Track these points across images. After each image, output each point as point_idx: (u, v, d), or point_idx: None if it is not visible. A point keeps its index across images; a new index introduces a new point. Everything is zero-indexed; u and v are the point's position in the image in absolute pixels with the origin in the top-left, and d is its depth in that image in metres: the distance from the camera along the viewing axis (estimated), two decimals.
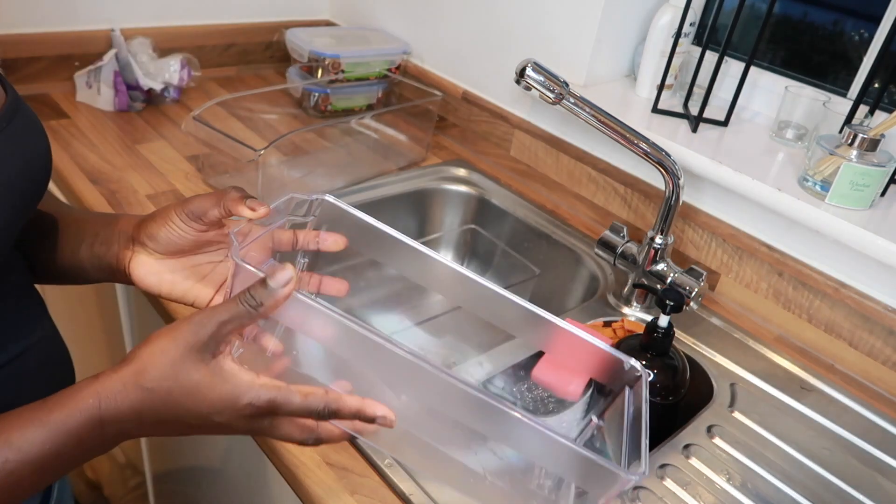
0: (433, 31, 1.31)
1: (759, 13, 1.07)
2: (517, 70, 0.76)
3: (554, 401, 0.77)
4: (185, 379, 0.43)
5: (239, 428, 0.46)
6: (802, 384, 0.82)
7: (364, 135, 1.15)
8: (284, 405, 0.45)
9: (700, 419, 0.75)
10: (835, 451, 0.74)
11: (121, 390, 0.43)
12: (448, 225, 1.16)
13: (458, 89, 1.29)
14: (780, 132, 0.98)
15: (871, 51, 0.96)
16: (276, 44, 1.45)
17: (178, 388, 0.43)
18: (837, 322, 0.87)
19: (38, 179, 0.52)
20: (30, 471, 0.42)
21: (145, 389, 0.43)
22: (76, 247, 0.59)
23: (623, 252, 0.89)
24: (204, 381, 0.44)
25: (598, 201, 1.11)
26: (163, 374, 0.43)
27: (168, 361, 0.43)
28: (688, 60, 1.04)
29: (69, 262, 0.59)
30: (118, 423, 0.44)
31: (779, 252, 0.90)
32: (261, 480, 0.77)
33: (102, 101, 1.19)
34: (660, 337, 0.72)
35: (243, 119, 1.20)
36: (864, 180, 0.80)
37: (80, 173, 0.99)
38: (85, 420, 0.43)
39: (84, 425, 0.43)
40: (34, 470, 0.43)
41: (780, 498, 0.68)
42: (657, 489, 0.66)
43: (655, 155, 0.80)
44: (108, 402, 0.43)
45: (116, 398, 0.43)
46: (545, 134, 1.16)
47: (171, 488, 1.14)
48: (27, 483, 0.43)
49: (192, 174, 1.04)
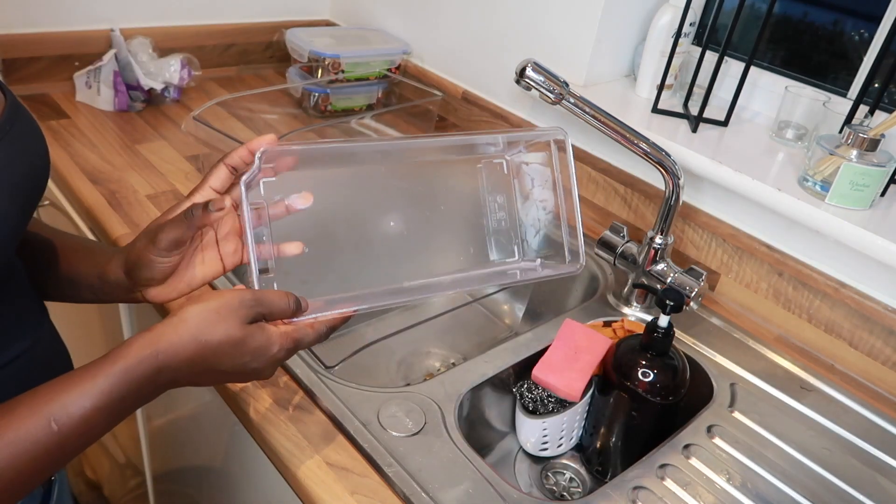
0: (433, 31, 1.31)
1: (759, 13, 1.07)
2: (517, 70, 0.76)
3: (554, 400, 0.77)
4: (233, 333, 0.52)
5: (266, 371, 0.55)
6: (802, 384, 0.82)
7: (364, 135, 1.15)
8: (303, 340, 0.56)
9: (700, 419, 0.75)
10: (835, 451, 0.74)
11: (178, 342, 0.50)
12: None
13: (457, 89, 1.29)
14: (780, 132, 0.98)
15: (871, 51, 0.96)
16: (276, 44, 1.45)
17: (227, 341, 0.52)
18: (837, 322, 0.87)
19: (39, 182, 0.55)
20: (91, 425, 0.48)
21: (201, 343, 0.51)
22: (90, 273, 0.64)
23: (623, 252, 0.89)
24: (247, 333, 0.52)
25: (598, 201, 1.11)
26: (215, 329, 0.51)
27: (220, 318, 0.51)
28: (688, 60, 1.04)
29: (85, 286, 0.65)
30: (172, 372, 0.51)
31: (779, 252, 0.90)
32: (261, 480, 0.77)
33: (102, 101, 1.19)
34: (660, 337, 0.72)
35: (243, 119, 1.20)
36: (864, 180, 0.80)
37: (80, 173, 0.99)
38: (145, 369, 0.50)
39: (144, 374, 0.50)
40: (103, 419, 0.49)
41: (780, 498, 0.68)
42: (657, 489, 0.66)
43: (655, 155, 0.80)
44: (166, 354, 0.50)
45: (176, 350, 0.50)
46: None
47: (171, 488, 1.14)
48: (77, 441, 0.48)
49: (192, 174, 1.04)
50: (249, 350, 0.53)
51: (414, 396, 0.71)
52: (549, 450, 0.79)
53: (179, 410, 0.95)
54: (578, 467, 0.82)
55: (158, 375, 0.51)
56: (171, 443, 1.04)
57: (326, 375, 0.71)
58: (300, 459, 0.63)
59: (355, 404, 0.68)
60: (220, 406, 0.78)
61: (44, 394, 0.47)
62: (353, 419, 0.67)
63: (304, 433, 0.65)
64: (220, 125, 0.94)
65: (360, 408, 0.68)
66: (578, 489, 0.80)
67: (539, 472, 0.80)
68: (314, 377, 0.71)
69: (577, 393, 0.74)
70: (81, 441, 0.49)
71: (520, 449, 0.81)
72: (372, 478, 0.62)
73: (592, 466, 0.81)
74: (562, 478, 0.80)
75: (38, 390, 0.48)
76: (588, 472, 0.81)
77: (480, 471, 0.64)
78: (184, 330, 0.51)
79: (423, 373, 0.96)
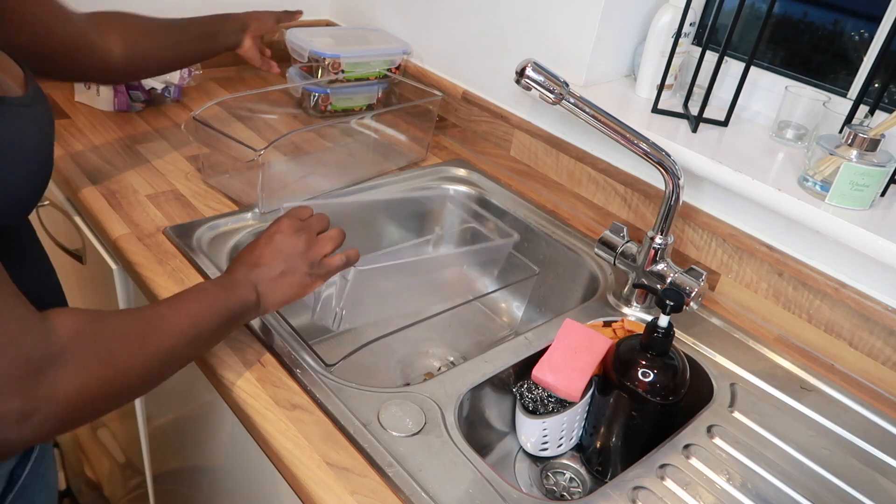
0: (433, 31, 1.32)
1: (759, 13, 1.07)
2: (517, 70, 0.76)
3: (554, 400, 0.77)
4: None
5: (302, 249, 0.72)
6: (802, 384, 0.82)
7: (364, 135, 1.15)
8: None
9: (700, 419, 0.75)
10: (835, 451, 0.74)
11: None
12: (448, 225, 1.16)
13: (458, 89, 1.29)
14: (780, 132, 0.98)
15: (871, 51, 0.96)
16: (276, 44, 1.45)
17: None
18: (837, 322, 0.87)
19: (48, 162, 0.63)
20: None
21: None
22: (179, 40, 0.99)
23: (623, 252, 0.89)
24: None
25: (598, 201, 1.11)
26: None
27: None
28: (688, 60, 1.04)
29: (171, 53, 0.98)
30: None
31: (779, 252, 0.90)
32: (261, 480, 0.77)
33: (102, 101, 1.19)
34: (660, 337, 0.72)
35: (243, 119, 1.20)
36: (864, 180, 0.80)
37: (80, 173, 0.99)
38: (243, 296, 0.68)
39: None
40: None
41: (780, 498, 0.68)
42: (657, 489, 0.66)
43: (655, 155, 0.80)
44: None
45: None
46: (545, 134, 1.16)
47: (171, 488, 1.14)
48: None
49: (192, 174, 1.04)
50: (261, 238, 0.71)
51: (414, 396, 0.71)
52: (549, 450, 0.79)
53: (179, 410, 0.95)
54: (578, 467, 0.82)
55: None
56: (171, 443, 1.04)
57: (326, 375, 0.71)
58: (300, 459, 0.63)
59: (355, 404, 0.68)
60: (220, 406, 0.78)
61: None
62: (353, 419, 0.67)
63: (304, 433, 0.65)
64: (220, 125, 0.94)
65: (360, 408, 0.68)
66: (578, 489, 0.80)
67: (539, 472, 0.80)
68: (314, 377, 0.71)
69: (577, 393, 0.74)
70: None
71: (520, 449, 0.81)
72: (372, 478, 0.62)
73: (592, 466, 0.81)
74: (562, 478, 0.81)
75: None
76: (588, 472, 0.81)
77: (480, 471, 0.64)
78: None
79: (423, 372, 0.96)
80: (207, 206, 0.97)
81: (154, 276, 0.82)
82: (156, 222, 0.91)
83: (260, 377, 0.70)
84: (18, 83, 0.62)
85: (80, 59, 0.86)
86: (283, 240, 0.71)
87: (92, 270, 1.04)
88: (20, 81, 0.62)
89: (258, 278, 0.69)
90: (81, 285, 1.14)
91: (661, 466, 0.68)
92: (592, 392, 0.77)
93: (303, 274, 0.71)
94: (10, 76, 0.61)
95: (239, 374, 0.70)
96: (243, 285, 0.68)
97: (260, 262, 0.70)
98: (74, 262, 1.08)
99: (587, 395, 0.77)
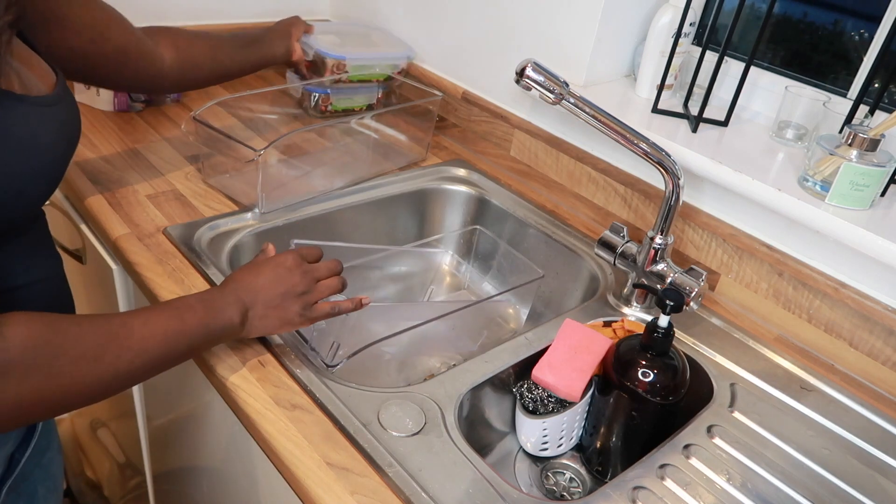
0: (433, 31, 1.32)
1: (759, 13, 1.07)
2: (517, 70, 0.76)
3: (554, 400, 0.77)
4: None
5: (301, 289, 0.72)
6: (802, 384, 0.82)
7: (364, 135, 1.15)
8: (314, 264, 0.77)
9: (700, 419, 0.75)
10: (835, 451, 0.74)
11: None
12: (448, 225, 1.16)
13: (458, 89, 1.29)
14: (780, 132, 0.98)
15: (871, 51, 0.96)
16: None
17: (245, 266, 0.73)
18: (837, 322, 0.87)
19: (61, 162, 0.64)
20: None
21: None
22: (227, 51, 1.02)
23: (623, 252, 0.89)
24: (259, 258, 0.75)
25: (598, 201, 1.11)
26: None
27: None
28: (688, 60, 1.04)
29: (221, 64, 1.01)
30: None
31: (779, 252, 0.90)
32: (261, 480, 0.77)
33: (102, 101, 1.19)
34: (660, 337, 0.72)
35: (243, 119, 1.20)
36: (864, 180, 0.80)
37: (80, 173, 0.99)
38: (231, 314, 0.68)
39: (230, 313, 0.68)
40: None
41: (780, 498, 0.68)
42: (657, 489, 0.66)
43: (655, 155, 0.80)
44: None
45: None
46: (545, 134, 1.16)
47: (171, 488, 1.14)
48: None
49: (192, 174, 1.04)
50: (265, 264, 0.71)
51: (414, 396, 0.71)
52: (549, 450, 0.79)
53: (179, 410, 0.95)
54: (578, 467, 0.82)
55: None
56: (171, 443, 1.04)
57: (326, 375, 0.71)
58: (300, 459, 0.63)
59: (355, 404, 0.68)
60: (220, 406, 0.78)
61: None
62: (353, 419, 0.67)
63: (304, 433, 0.65)
64: (220, 125, 0.94)
65: (360, 408, 0.68)
66: (578, 489, 0.80)
67: (539, 472, 0.80)
68: (314, 377, 0.71)
69: (577, 393, 0.74)
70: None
71: (520, 449, 0.81)
72: (372, 478, 0.62)
73: (592, 466, 0.81)
74: (562, 478, 0.81)
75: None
76: (588, 472, 0.81)
77: (480, 471, 0.64)
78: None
79: (423, 373, 0.96)
80: (207, 206, 0.97)
81: (154, 276, 0.82)
82: (156, 222, 0.91)
83: (260, 377, 0.70)
84: (46, 83, 0.62)
85: (133, 66, 0.87)
86: (286, 275, 0.71)
87: (92, 270, 1.05)
88: (49, 82, 0.62)
89: (252, 303, 0.69)
90: (81, 285, 1.14)
91: (661, 466, 0.68)
92: (592, 392, 0.77)
93: (294, 313, 0.71)
94: (39, 75, 0.62)
95: (239, 374, 0.70)
96: (232, 306, 0.67)
97: (258, 289, 0.69)
98: (74, 262, 1.08)
99: (587, 395, 0.77)
